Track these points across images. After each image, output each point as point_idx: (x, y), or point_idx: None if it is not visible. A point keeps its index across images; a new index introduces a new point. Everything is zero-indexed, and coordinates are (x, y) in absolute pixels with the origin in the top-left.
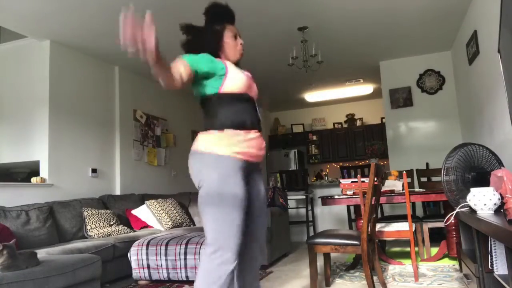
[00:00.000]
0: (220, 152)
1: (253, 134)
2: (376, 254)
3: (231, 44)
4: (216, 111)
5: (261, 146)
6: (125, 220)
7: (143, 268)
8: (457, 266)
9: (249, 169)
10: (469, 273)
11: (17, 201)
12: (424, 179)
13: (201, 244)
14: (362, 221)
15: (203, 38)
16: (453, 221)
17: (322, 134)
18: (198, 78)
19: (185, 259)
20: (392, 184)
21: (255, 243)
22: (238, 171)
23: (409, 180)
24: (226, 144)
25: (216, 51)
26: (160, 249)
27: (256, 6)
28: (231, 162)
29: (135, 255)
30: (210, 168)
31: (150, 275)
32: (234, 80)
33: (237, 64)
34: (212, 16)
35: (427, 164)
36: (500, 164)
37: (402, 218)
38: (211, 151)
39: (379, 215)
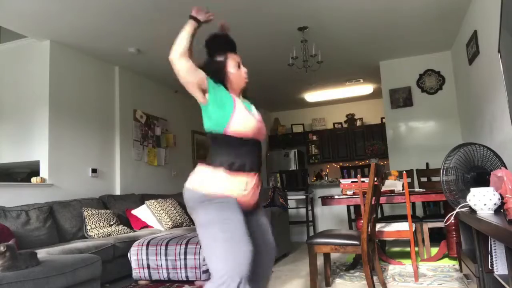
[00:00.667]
0: (212, 191)
1: (250, 177)
2: (376, 254)
3: (235, 73)
4: (217, 150)
5: (256, 192)
6: (125, 220)
7: (143, 268)
8: (457, 266)
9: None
10: (469, 273)
11: (17, 201)
12: (424, 179)
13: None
14: (362, 221)
15: (207, 72)
16: (453, 221)
17: (322, 134)
18: (209, 104)
19: (185, 259)
20: (392, 184)
21: (261, 276)
22: (232, 203)
23: (409, 180)
24: (219, 184)
25: (222, 81)
26: (160, 249)
27: (256, 6)
28: (224, 199)
29: (135, 255)
30: (204, 205)
31: (150, 275)
32: (242, 121)
33: (244, 92)
34: (213, 48)
35: (427, 164)
36: (502, 163)
37: (402, 218)
38: (204, 190)
39: (379, 215)
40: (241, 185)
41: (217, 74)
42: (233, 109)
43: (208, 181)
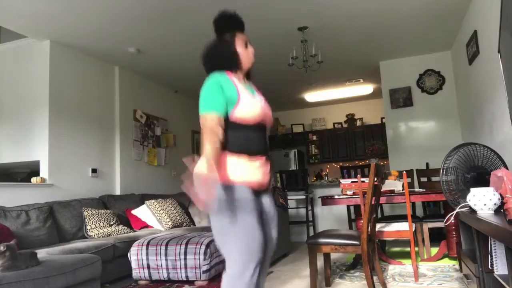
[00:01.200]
0: (232, 179)
1: (258, 160)
2: (376, 254)
3: (242, 53)
4: (224, 135)
5: (266, 172)
6: (125, 220)
7: (143, 268)
8: (457, 266)
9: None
10: (469, 273)
11: (17, 201)
12: (424, 179)
13: (201, 244)
14: (362, 221)
15: (217, 50)
16: (453, 221)
17: (322, 134)
18: None
19: (185, 259)
20: (392, 184)
21: (266, 254)
22: (247, 191)
23: (409, 180)
24: (228, 169)
25: (230, 64)
26: (160, 249)
27: (256, 6)
28: (235, 186)
29: (135, 255)
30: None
31: (150, 275)
32: (247, 109)
33: (249, 73)
34: (222, 26)
35: (427, 164)
36: (502, 163)
37: (402, 218)
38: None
39: (379, 215)
40: (256, 169)
41: (227, 52)
42: (238, 99)
43: (231, 168)
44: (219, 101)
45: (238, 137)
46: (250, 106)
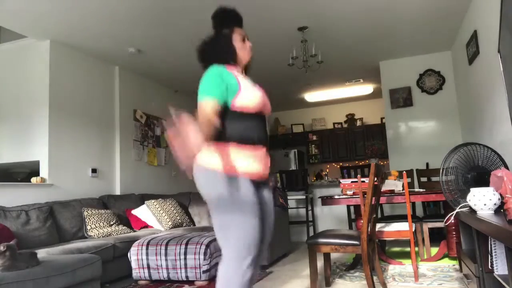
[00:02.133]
0: (220, 168)
1: (260, 150)
2: (376, 254)
3: (240, 48)
4: (225, 125)
5: (267, 163)
6: (125, 220)
7: (143, 268)
8: (457, 266)
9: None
10: (469, 273)
11: (17, 201)
12: (424, 179)
13: (201, 244)
14: (362, 221)
15: (215, 44)
16: (453, 221)
17: (322, 134)
18: None
19: (185, 259)
20: (392, 184)
21: (264, 244)
22: (244, 182)
23: (409, 180)
24: (230, 159)
25: (227, 57)
26: (160, 249)
27: (256, 6)
28: (234, 178)
29: (135, 255)
30: (216, 183)
31: (150, 275)
32: (248, 97)
33: (247, 67)
34: (220, 21)
35: (427, 164)
36: (503, 163)
37: (402, 218)
38: (214, 167)
39: (379, 215)
40: (258, 159)
41: (225, 47)
42: (238, 89)
43: (216, 157)
44: (217, 88)
45: (240, 126)
46: (251, 94)
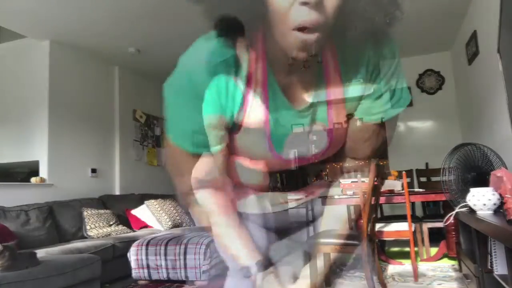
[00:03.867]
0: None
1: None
2: (376, 254)
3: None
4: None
5: (266, 174)
6: (125, 220)
7: (142, 268)
8: (456, 266)
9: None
10: (469, 273)
11: (17, 201)
12: (423, 179)
13: (201, 244)
14: (362, 221)
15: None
16: (452, 221)
17: None
18: None
19: (185, 259)
20: (392, 184)
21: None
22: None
23: (408, 180)
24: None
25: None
26: (160, 249)
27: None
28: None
29: (134, 255)
30: None
31: (149, 275)
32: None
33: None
34: (222, 31)
35: (426, 164)
36: (502, 163)
37: (401, 218)
38: None
39: (379, 215)
40: (258, 171)
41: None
42: (243, 104)
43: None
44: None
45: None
46: (257, 110)
